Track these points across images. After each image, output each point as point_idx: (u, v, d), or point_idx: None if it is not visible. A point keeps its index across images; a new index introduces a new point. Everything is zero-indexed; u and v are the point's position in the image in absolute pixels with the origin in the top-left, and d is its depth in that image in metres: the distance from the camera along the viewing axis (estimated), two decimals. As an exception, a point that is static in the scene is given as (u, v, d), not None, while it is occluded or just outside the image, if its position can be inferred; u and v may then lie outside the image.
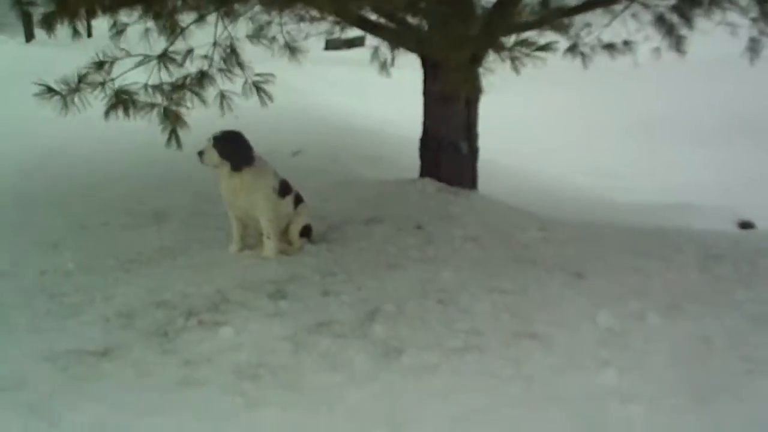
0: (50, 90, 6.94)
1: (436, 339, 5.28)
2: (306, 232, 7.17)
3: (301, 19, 9.43)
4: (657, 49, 9.64)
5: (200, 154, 6.83)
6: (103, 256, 7.01)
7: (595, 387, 4.68)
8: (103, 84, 7.06)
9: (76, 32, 7.31)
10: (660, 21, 9.15)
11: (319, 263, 6.75)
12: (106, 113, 7.03)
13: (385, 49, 10.32)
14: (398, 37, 9.16)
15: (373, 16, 8.96)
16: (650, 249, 7.24)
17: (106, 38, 7.57)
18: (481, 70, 7.93)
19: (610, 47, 9.70)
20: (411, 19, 8.66)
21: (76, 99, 6.99)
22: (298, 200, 7.16)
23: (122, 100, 6.89)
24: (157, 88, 7.16)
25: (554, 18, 8.93)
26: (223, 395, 4.61)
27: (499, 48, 8.09)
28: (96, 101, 7.09)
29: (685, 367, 4.92)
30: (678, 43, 9.31)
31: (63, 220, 8.13)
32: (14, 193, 9.14)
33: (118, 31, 7.54)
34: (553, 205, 9.74)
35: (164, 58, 7.14)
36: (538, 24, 8.80)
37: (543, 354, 5.09)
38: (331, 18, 9.37)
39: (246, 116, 7.29)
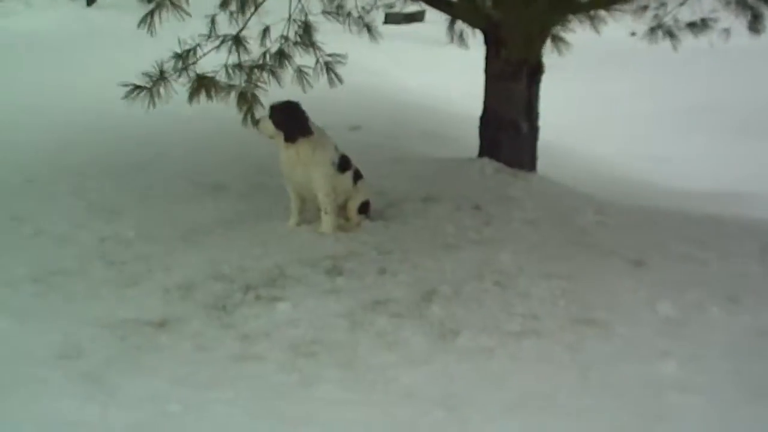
0: (137, 87, 6.93)
1: (493, 322, 5.27)
2: (364, 208, 7.16)
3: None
4: (726, 30, 9.44)
5: (257, 122, 6.86)
6: (162, 226, 7.07)
7: (653, 376, 4.67)
8: (185, 69, 7.05)
9: None
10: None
11: (376, 240, 6.75)
12: (190, 98, 7.02)
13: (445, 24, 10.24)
14: (461, 12, 9.10)
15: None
16: (708, 238, 7.17)
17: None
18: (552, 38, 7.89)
19: (692, 26, 9.45)
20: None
21: (161, 90, 6.98)
22: (358, 176, 7.14)
23: (204, 84, 6.86)
24: (237, 67, 7.14)
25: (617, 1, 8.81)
26: (280, 371, 4.65)
27: (577, 9, 8.01)
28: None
29: (743, 360, 4.89)
30: (754, 23, 9.06)
31: (120, 188, 8.16)
32: (69, 160, 9.14)
33: (212, 20, 7.53)
34: (609, 188, 9.66)
35: (240, 38, 7.11)
36: (606, 3, 8.70)
37: (600, 341, 5.07)
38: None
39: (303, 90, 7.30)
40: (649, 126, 15.30)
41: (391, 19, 22.89)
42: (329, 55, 7.44)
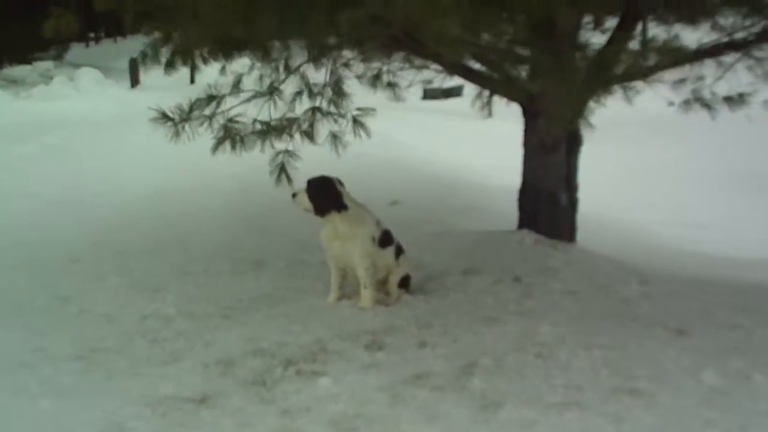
0: (164, 116, 7.11)
1: (535, 394, 5.21)
2: (405, 282, 7.16)
3: (403, 66, 9.47)
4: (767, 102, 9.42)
5: (294, 196, 6.95)
6: (203, 302, 7.13)
7: (700, 448, 4.59)
8: (211, 117, 7.18)
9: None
10: None
11: (416, 314, 6.74)
12: (214, 148, 7.14)
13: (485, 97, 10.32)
14: (499, 87, 9.17)
15: (475, 65, 8.99)
16: (754, 305, 7.07)
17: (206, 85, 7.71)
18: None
19: (728, 100, 9.43)
20: (512, 69, 8.67)
21: (186, 127, 7.13)
22: (399, 251, 7.16)
23: (230, 135, 6.98)
24: (265, 125, 7.24)
25: (659, 69, 8.83)
26: (321, 447, 4.62)
27: (614, 80, 8.07)
28: (204, 138, 7.24)
29: (792, 430, 4.79)
30: None
31: (162, 266, 8.28)
32: (113, 239, 9.33)
33: (236, 83, 7.72)
34: (651, 258, 9.59)
35: (274, 93, 7.23)
36: (642, 75, 8.71)
37: (644, 411, 4.98)
38: (433, 66, 9.43)
39: (345, 165, 7.37)
40: (691, 193, 15.24)
41: (429, 94, 23.09)
42: (358, 109, 7.53)
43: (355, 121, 7.66)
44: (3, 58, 30.37)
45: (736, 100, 9.36)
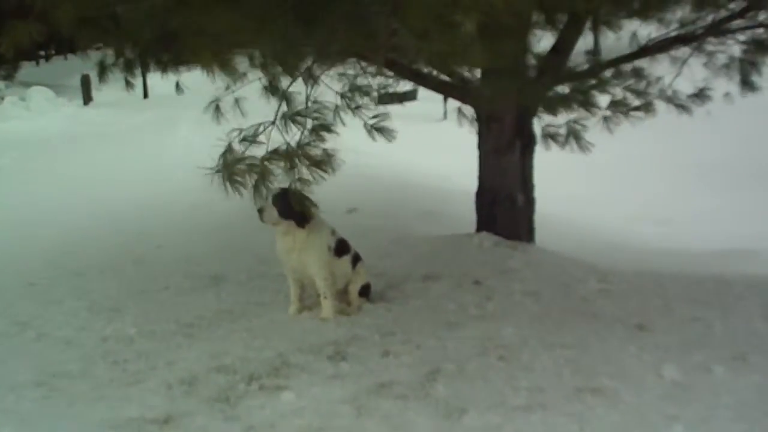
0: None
1: (499, 397, 5.22)
2: (365, 291, 7.16)
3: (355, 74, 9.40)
4: (728, 95, 9.51)
5: (260, 211, 6.84)
6: (163, 321, 7.06)
7: (663, 443, 4.62)
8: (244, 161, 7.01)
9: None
10: (728, 67, 9.08)
11: (377, 323, 6.73)
12: (255, 188, 6.94)
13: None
14: (453, 90, 9.20)
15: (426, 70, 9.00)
16: (711, 298, 7.16)
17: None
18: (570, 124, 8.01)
19: (694, 96, 9.47)
20: (465, 73, 8.70)
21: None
22: (357, 259, 7.15)
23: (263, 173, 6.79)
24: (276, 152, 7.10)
25: (606, 67, 8.91)
26: (287, 461, 4.61)
27: (590, 106, 8.14)
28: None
29: (753, 422, 4.84)
30: (746, 84, 9.18)
31: (121, 285, 8.22)
32: (69, 259, 9.27)
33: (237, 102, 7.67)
34: (612, 256, 9.65)
35: (285, 119, 7.10)
36: (590, 74, 8.77)
37: (607, 410, 5.01)
38: (387, 71, 9.41)
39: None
40: (659, 187, 15.34)
41: (383, 99, 23.07)
42: (373, 117, 7.40)
43: (377, 129, 7.52)
44: (-49, 79, 30.06)
45: (700, 96, 9.43)
